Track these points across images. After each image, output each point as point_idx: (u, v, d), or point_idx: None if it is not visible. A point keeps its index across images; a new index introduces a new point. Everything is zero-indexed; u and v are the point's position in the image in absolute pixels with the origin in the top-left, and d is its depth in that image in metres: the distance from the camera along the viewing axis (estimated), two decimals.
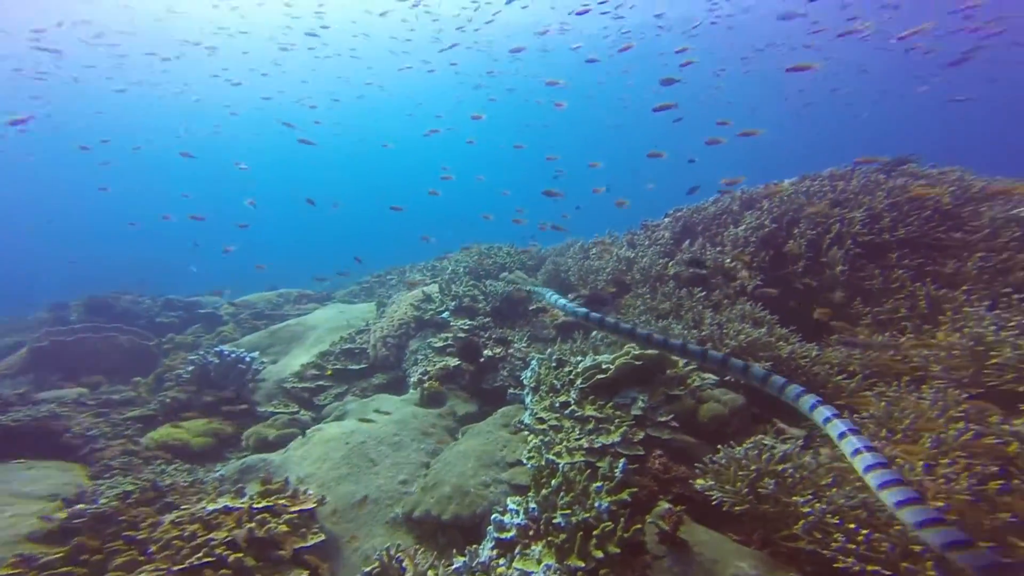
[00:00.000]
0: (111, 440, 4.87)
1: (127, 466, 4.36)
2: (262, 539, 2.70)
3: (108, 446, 4.73)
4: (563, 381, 3.21)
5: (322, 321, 7.25)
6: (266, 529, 2.72)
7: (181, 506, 3.20)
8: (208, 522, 2.76)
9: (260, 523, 2.75)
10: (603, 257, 5.74)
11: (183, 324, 8.86)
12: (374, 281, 9.96)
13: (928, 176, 4.99)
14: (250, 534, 2.67)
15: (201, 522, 2.77)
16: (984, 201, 4.43)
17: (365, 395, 5.34)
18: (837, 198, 4.74)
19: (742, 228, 4.84)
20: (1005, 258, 3.68)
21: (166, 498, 3.42)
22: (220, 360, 5.40)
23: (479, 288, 5.43)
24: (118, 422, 5.27)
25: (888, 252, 4.17)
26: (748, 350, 3.64)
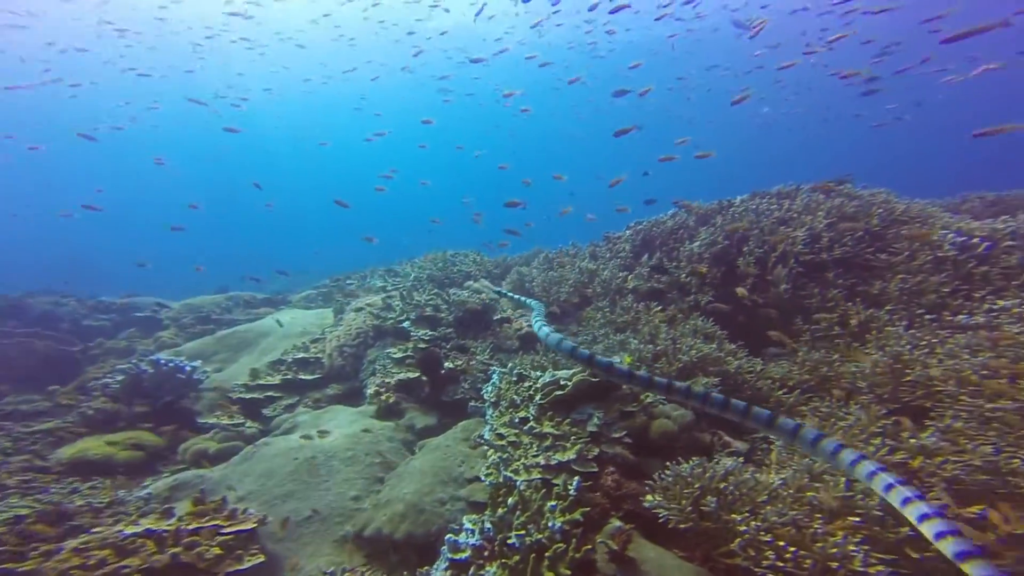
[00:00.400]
0: (10, 456, 4.41)
1: (28, 486, 3.94)
2: (188, 565, 2.52)
3: (5, 462, 4.27)
4: (523, 396, 3.23)
5: (275, 327, 6.92)
6: (195, 553, 2.54)
7: (93, 530, 2.92)
8: (122, 548, 2.53)
9: (188, 547, 2.56)
10: (566, 268, 5.83)
11: (116, 328, 8.18)
12: (332, 286, 9.62)
13: (859, 197, 5.43)
14: (173, 560, 2.48)
15: (113, 547, 2.53)
16: (905, 224, 4.88)
17: (318, 406, 5.14)
18: (783, 216, 5.07)
19: (697, 244, 5.07)
20: (919, 280, 4.05)
21: (72, 521, 3.11)
22: (155, 369, 5.01)
23: (442, 297, 5.37)
24: (22, 436, 4.77)
25: (825, 271, 4.49)
26: (699, 365, 3.81)
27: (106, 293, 11.61)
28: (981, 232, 4.35)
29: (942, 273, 4.07)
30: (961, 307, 3.85)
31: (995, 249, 4.15)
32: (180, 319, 8.22)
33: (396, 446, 3.98)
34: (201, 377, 5.27)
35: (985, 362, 2.96)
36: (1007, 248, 4.14)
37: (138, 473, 4.50)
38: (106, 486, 3.91)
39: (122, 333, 7.99)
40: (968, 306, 3.84)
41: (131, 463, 4.47)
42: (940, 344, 3.32)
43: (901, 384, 3.25)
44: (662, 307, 4.74)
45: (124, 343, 7.47)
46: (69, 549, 2.55)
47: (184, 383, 5.07)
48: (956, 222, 4.84)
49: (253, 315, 8.55)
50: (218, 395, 5.51)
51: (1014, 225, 4.35)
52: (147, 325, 8.28)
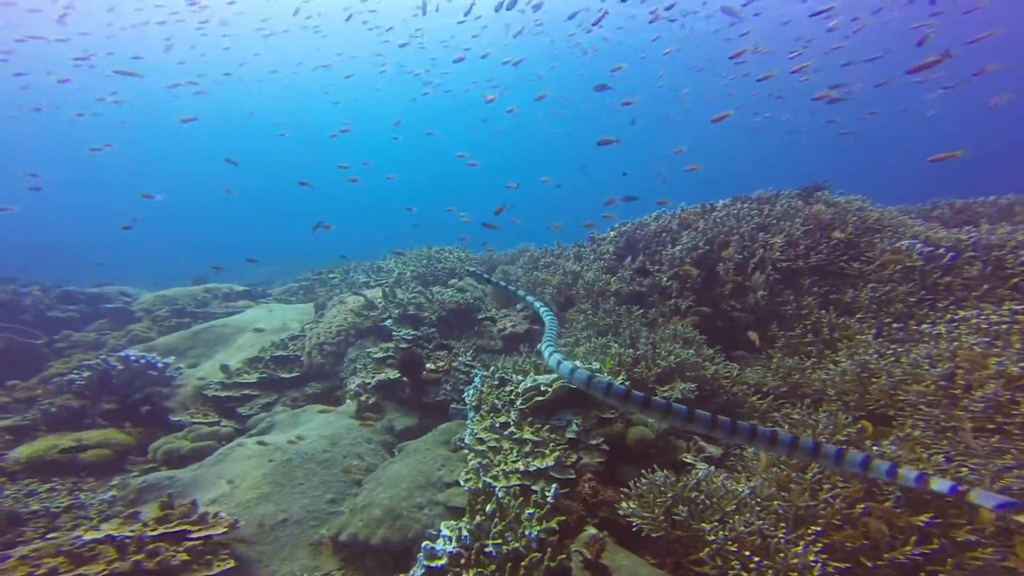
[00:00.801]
0: None
1: None
2: (152, 572, 2.45)
3: None
4: (504, 401, 3.24)
5: (253, 322, 6.77)
6: (158, 561, 2.47)
7: (47, 536, 2.82)
8: (78, 555, 2.43)
9: (151, 553, 2.49)
10: (551, 269, 5.85)
11: (84, 320, 7.88)
12: (314, 279, 9.45)
13: (836, 204, 5.57)
14: (136, 567, 2.40)
15: (68, 555, 2.42)
16: (878, 232, 5.04)
17: (296, 405, 5.08)
18: (763, 222, 5.17)
19: (679, 248, 5.13)
20: (888, 290, 4.20)
21: (25, 527, 2.99)
22: (125, 366, 4.85)
23: (425, 295, 5.34)
24: None
25: (801, 278, 4.61)
26: (677, 370, 3.89)
27: (73, 283, 11.17)
28: (947, 242, 4.53)
29: (910, 283, 4.23)
30: (926, 316, 4.01)
31: (959, 259, 4.33)
32: (154, 311, 7.96)
33: (375, 447, 3.96)
34: (174, 374, 5.13)
35: (943, 373, 3.10)
36: (969, 259, 4.32)
37: (105, 473, 4.38)
38: (66, 489, 3.77)
39: (91, 325, 7.70)
40: (932, 316, 4.01)
41: (97, 463, 4.35)
42: (904, 354, 3.46)
43: (867, 392, 3.39)
44: (643, 310, 4.80)
45: (93, 336, 7.20)
46: (16, 557, 2.42)
47: (156, 380, 4.94)
48: (925, 231, 5.03)
49: (231, 308, 8.35)
50: (192, 392, 5.38)
51: (976, 236, 4.53)
52: (118, 317, 8.00)
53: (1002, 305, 3.74)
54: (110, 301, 8.34)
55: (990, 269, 4.13)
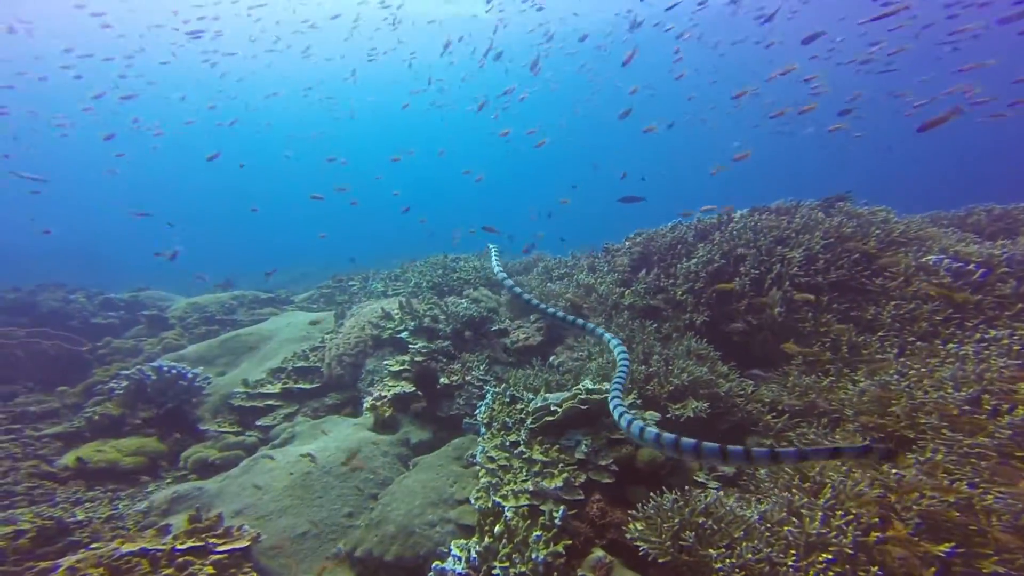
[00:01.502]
0: (19, 461, 4.52)
1: (35, 493, 4.06)
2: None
3: (14, 468, 4.38)
4: (515, 419, 3.30)
5: (277, 331, 7.03)
6: (188, 574, 2.64)
7: (91, 546, 3.00)
8: (117, 567, 2.61)
9: (179, 568, 2.65)
10: (564, 281, 5.88)
11: (123, 326, 8.34)
12: (335, 286, 9.72)
13: (859, 216, 5.41)
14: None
15: (108, 568, 2.61)
16: (903, 246, 4.88)
17: (317, 415, 5.25)
18: (781, 235, 5.07)
19: (694, 261, 5.08)
20: (913, 307, 4.07)
21: (71, 536, 3.20)
22: (158, 376, 5.14)
23: (440, 307, 5.44)
24: (31, 439, 4.90)
25: (820, 294, 4.51)
26: (690, 388, 3.87)
27: (118, 285, 11.78)
28: (978, 257, 4.35)
29: (935, 300, 4.09)
30: (952, 335, 3.87)
31: (991, 276, 4.16)
32: (186, 319, 8.36)
33: (391, 460, 4.07)
34: (203, 384, 5.39)
35: (969, 397, 3.00)
36: (1002, 275, 4.15)
37: (142, 479, 4.65)
38: (107, 497, 4.01)
39: (130, 331, 8.13)
40: (959, 335, 3.86)
41: (136, 470, 4.61)
42: (928, 375, 3.36)
43: (887, 413, 3.30)
44: (657, 325, 4.79)
45: (131, 342, 7.61)
46: (64, 568, 2.60)
47: (186, 390, 5.20)
48: (954, 244, 4.84)
49: (256, 316, 8.67)
50: (220, 401, 5.63)
51: (1011, 251, 4.35)
52: (154, 323, 8.42)
53: None
54: (147, 308, 8.79)
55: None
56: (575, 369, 4.51)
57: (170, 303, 10.04)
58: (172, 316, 8.53)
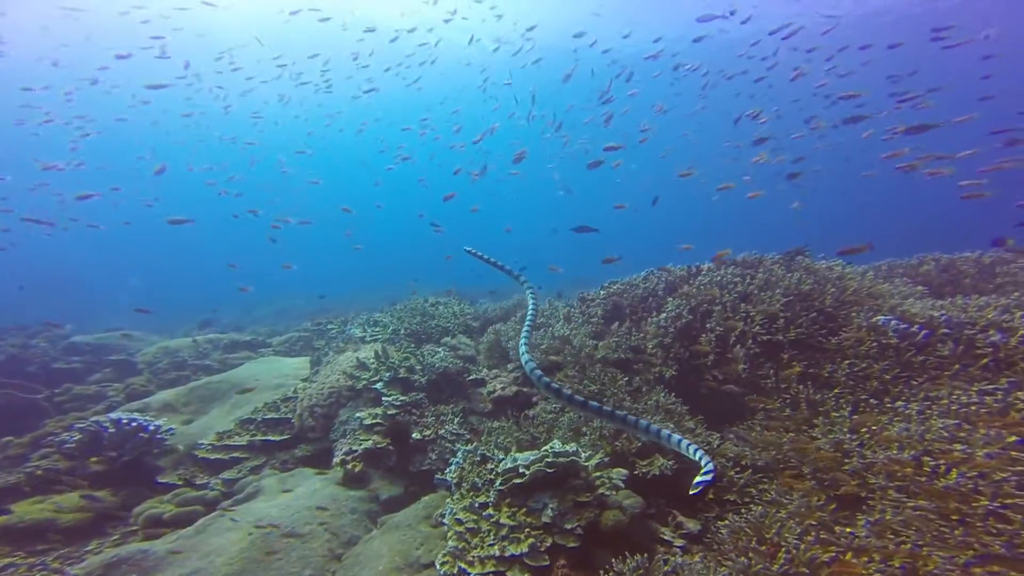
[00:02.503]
0: None
1: None
2: None
3: None
4: (484, 480, 3.32)
5: (249, 378, 6.90)
6: None
7: None
8: None
9: None
10: (540, 331, 6.02)
11: (87, 371, 8.03)
12: (313, 330, 9.65)
13: (816, 272, 5.74)
14: None
15: None
16: (856, 304, 5.19)
17: (286, 468, 5.11)
18: (745, 291, 5.35)
19: (663, 316, 5.31)
20: (865, 366, 4.31)
21: None
22: (116, 428, 4.95)
23: (416, 358, 5.49)
24: None
25: (781, 351, 4.74)
26: (657, 444, 3.96)
27: (95, 319, 11.38)
28: (921, 319, 4.67)
29: (885, 360, 4.34)
30: (900, 393, 4.10)
31: (932, 337, 4.46)
32: (155, 363, 8.12)
33: (359, 518, 3.98)
34: (166, 436, 5.20)
35: (912, 458, 3.18)
36: (942, 336, 4.45)
37: (83, 537, 4.37)
38: (28, 564, 3.70)
39: (94, 375, 7.84)
40: (907, 393, 4.10)
41: (77, 526, 4.35)
42: (876, 435, 3.54)
43: (840, 472, 3.44)
44: (628, 378, 4.92)
45: (94, 388, 7.32)
46: None
47: (146, 442, 5.01)
48: (901, 304, 5.19)
49: (231, 361, 8.49)
50: (185, 451, 5.44)
51: (948, 313, 4.69)
52: (121, 368, 8.15)
53: (972, 385, 3.85)
54: (114, 352, 8.52)
55: (962, 348, 4.24)
56: (548, 422, 4.57)
57: (143, 345, 9.77)
58: (141, 361, 8.28)
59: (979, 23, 14.00)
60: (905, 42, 10.61)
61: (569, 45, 18.65)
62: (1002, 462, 2.84)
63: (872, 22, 23.31)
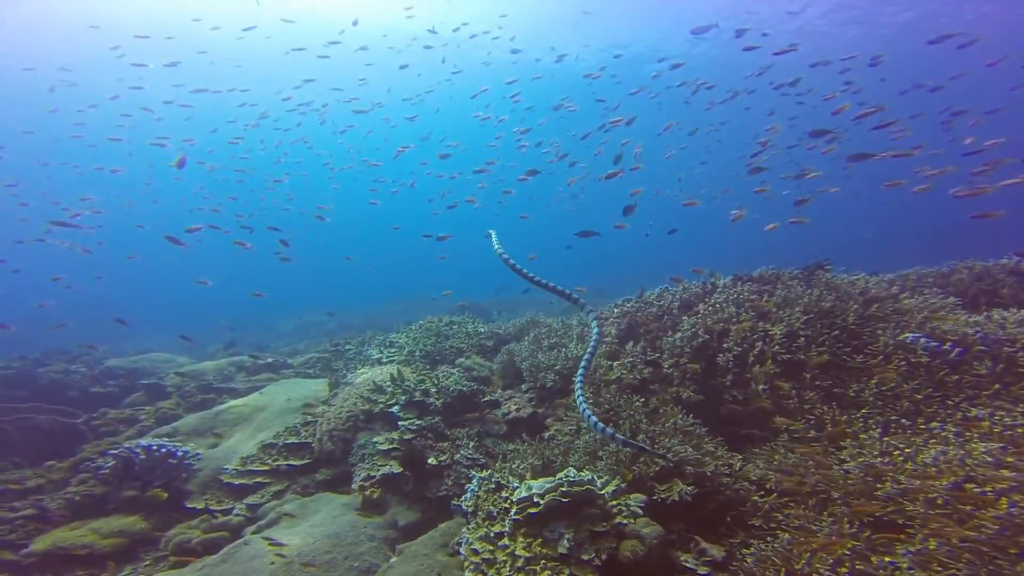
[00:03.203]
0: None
1: None
2: None
3: None
4: (499, 508, 3.30)
5: (271, 401, 7.07)
6: None
7: None
8: None
9: None
10: (554, 352, 6.00)
11: (123, 393, 8.38)
12: (332, 350, 9.85)
13: (837, 288, 5.56)
14: None
15: None
16: (881, 320, 5.00)
17: (307, 492, 5.18)
18: (763, 310, 5.23)
19: (679, 335, 5.22)
20: (894, 385, 4.14)
21: None
22: (147, 455, 5.14)
23: (431, 380, 5.54)
24: (8, 519, 4.81)
25: (803, 371, 4.59)
26: (677, 467, 3.87)
27: (129, 343, 11.90)
28: (953, 336, 4.44)
29: (915, 379, 4.15)
30: (935, 414, 3.90)
31: (966, 355, 4.25)
32: (183, 387, 8.42)
33: (377, 545, 3.99)
34: (193, 461, 5.36)
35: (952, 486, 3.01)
36: (978, 354, 4.23)
37: (121, 562, 4.52)
38: None
39: (128, 398, 8.17)
40: (942, 413, 3.90)
41: (114, 552, 4.50)
42: (912, 457, 3.37)
43: (874, 497, 3.28)
44: (644, 400, 4.84)
45: (128, 412, 7.62)
46: None
47: (175, 467, 5.18)
48: (931, 319, 4.96)
49: (253, 383, 8.72)
50: (211, 475, 5.58)
51: (983, 329, 4.46)
52: (152, 392, 8.47)
53: (1017, 406, 3.64)
54: (146, 375, 8.88)
55: (1001, 367, 4.03)
56: (564, 444, 4.52)
57: (172, 367, 10.14)
58: (170, 384, 8.59)
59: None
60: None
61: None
62: None
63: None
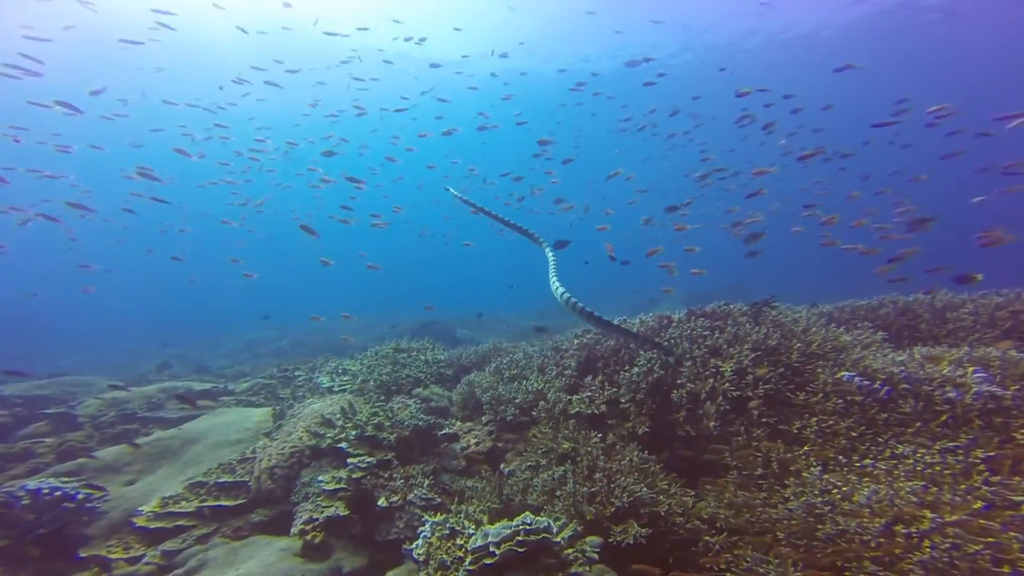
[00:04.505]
0: None
1: None
2: None
3: None
4: (453, 557, 3.13)
5: (206, 432, 6.45)
6: None
7: None
8: None
9: None
10: (514, 384, 5.92)
11: (17, 425, 7.28)
12: (280, 376, 9.21)
13: (782, 325, 5.89)
14: None
15: None
16: (821, 358, 5.33)
17: (239, 535, 4.69)
18: (714, 346, 5.43)
19: (636, 370, 5.32)
20: (832, 423, 4.39)
21: None
22: (33, 500, 4.38)
23: (385, 414, 5.28)
24: None
25: (750, 407, 4.79)
26: (631, 508, 3.87)
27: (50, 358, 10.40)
28: (882, 375, 4.79)
29: (851, 417, 4.43)
30: (868, 451, 4.16)
31: (893, 394, 4.60)
32: (99, 417, 7.47)
33: None
34: (97, 504, 4.69)
35: (883, 526, 3.18)
36: (903, 392, 4.59)
37: None
38: None
39: (26, 428, 7.13)
40: (874, 451, 4.16)
41: None
42: (848, 497, 3.54)
43: (814, 539, 3.40)
44: (602, 435, 4.84)
45: (21, 447, 6.61)
46: None
47: (72, 512, 4.49)
48: (863, 357, 5.35)
49: (188, 412, 7.94)
50: (122, 518, 4.93)
51: (907, 368, 4.85)
52: (60, 421, 7.46)
53: (935, 443, 3.95)
54: (53, 403, 7.82)
55: (921, 404, 4.38)
56: (523, 482, 4.42)
57: (90, 392, 9.06)
58: (83, 414, 7.61)
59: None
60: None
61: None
62: (971, 531, 2.86)
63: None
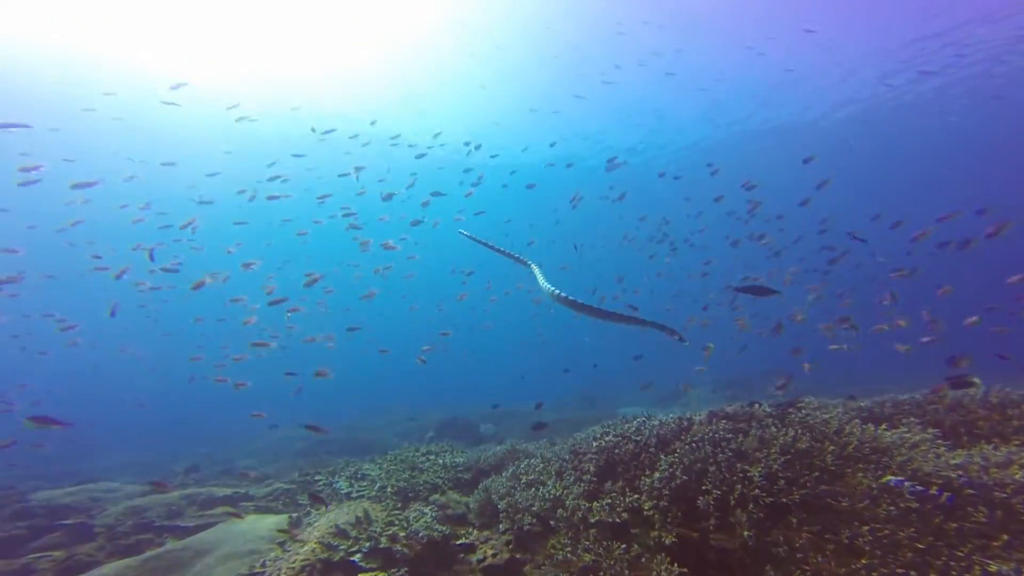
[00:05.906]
0: None
1: None
2: None
3: None
4: None
5: (219, 543, 6.24)
6: None
7: None
8: None
9: None
10: (532, 489, 5.65)
11: (32, 536, 7.17)
12: (300, 481, 9.01)
13: (812, 427, 5.46)
14: None
15: None
16: (860, 461, 4.86)
17: None
18: (739, 449, 5.11)
19: (657, 475, 5.02)
20: (888, 533, 3.90)
21: None
22: None
23: (400, 524, 5.08)
24: None
25: (788, 514, 4.36)
26: None
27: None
28: (937, 480, 4.28)
29: (910, 526, 3.92)
30: (949, 567, 3.58)
31: (958, 500, 4.07)
32: (116, 527, 7.36)
33: None
34: None
35: None
36: (970, 499, 4.05)
37: None
38: None
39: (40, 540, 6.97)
40: (955, 566, 3.57)
41: None
42: None
43: None
44: (626, 546, 4.45)
45: (23, 562, 6.33)
46: None
47: None
48: (912, 460, 4.84)
49: (206, 519, 7.74)
50: None
51: (966, 475, 4.31)
52: (75, 534, 7.35)
53: None
54: (74, 513, 7.77)
55: (1000, 514, 3.87)
56: None
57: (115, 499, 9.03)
58: (100, 524, 7.52)
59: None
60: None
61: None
62: None
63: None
